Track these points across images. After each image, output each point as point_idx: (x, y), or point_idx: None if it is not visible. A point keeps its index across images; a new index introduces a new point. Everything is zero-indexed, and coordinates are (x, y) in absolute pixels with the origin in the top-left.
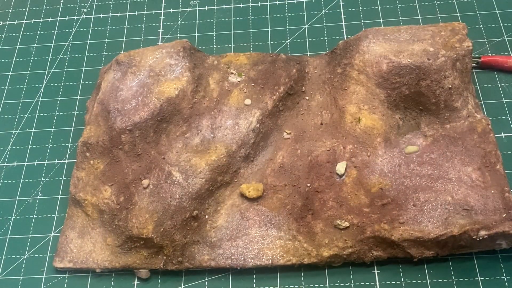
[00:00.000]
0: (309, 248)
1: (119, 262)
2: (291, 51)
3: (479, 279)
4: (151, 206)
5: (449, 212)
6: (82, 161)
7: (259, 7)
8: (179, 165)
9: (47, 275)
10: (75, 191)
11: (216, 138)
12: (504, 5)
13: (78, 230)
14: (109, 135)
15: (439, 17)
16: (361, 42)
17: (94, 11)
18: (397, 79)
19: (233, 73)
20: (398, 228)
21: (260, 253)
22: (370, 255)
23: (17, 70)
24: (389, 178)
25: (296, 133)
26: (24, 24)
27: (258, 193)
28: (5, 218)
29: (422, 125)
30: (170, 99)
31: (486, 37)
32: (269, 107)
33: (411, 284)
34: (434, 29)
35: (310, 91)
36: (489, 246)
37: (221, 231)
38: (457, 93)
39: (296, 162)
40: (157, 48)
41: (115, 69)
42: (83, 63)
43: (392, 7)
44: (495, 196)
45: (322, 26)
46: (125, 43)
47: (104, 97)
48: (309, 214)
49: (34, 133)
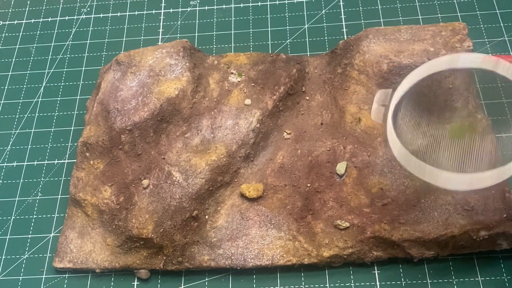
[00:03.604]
0: (309, 248)
1: (119, 262)
2: (291, 51)
3: (479, 279)
4: (151, 206)
5: (450, 212)
6: (82, 161)
7: (259, 7)
8: (179, 165)
9: (47, 275)
10: (75, 191)
11: (216, 138)
12: (505, 5)
13: (78, 230)
14: (109, 135)
15: (439, 17)
16: (362, 42)
17: (94, 11)
18: (397, 79)
19: (233, 73)
20: (399, 228)
21: (260, 253)
22: (370, 255)
23: (17, 70)
24: (389, 178)
25: (296, 133)
26: (24, 24)
27: (258, 193)
28: (5, 218)
29: (422, 125)
30: (170, 99)
31: (486, 37)
32: (269, 107)
33: (411, 284)
34: (434, 29)
35: (310, 91)
36: (490, 246)
37: (221, 231)
38: (457, 93)
39: (296, 162)
40: (157, 48)
41: (115, 69)
42: (83, 63)
43: (392, 7)
44: (496, 196)
45: (322, 26)
46: (125, 43)
47: (104, 97)
48: (309, 214)
49: (33, 133)
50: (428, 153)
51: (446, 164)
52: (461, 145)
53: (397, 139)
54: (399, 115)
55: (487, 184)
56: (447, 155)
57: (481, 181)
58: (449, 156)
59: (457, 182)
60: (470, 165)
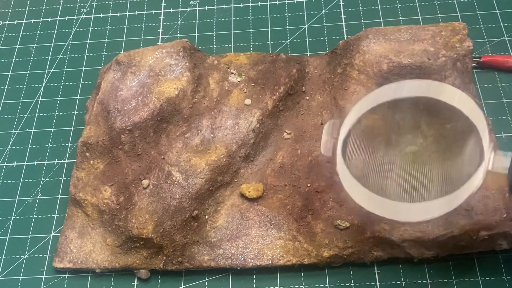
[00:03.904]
0: (309, 248)
1: (119, 262)
2: (291, 51)
3: (479, 279)
4: (151, 206)
5: (450, 212)
6: (82, 161)
7: (259, 7)
8: (179, 165)
9: (46, 275)
10: (74, 191)
11: (216, 138)
12: (505, 5)
13: (77, 230)
14: (109, 135)
15: (439, 17)
16: (361, 42)
17: (94, 11)
18: (397, 79)
19: (233, 73)
20: (399, 229)
21: (260, 253)
22: (370, 255)
23: (16, 70)
24: None
25: (296, 133)
26: (24, 24)
27: (258, 193)
28: (4, 218)
29: (422, 125)
30: (170, 99)
31: (486, 37)
32: (269, 107)
33: (411, 284)
34: (434, 29)
35: (310, 91)
36: (490, 247)
37: (221, 231)
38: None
39: (296, 162)
40: (157, 48)
41: (115, 69)
42: (83, 63)
43: (392, 7)
44: (496, 196)
45: (322, 26)
46: (125, 43)
47: (104, 97)
48: (309, 214)
49: (33, 133)
50: (379, 181)
51: (396, 192)
52: (412, 173)
53: (346, 171)
54: (348, 148)
55: (437, 214)
56: (397, 183)
57: (430, 211)
58: (399, 184)
59: (406, 212)
60: (420, 194)
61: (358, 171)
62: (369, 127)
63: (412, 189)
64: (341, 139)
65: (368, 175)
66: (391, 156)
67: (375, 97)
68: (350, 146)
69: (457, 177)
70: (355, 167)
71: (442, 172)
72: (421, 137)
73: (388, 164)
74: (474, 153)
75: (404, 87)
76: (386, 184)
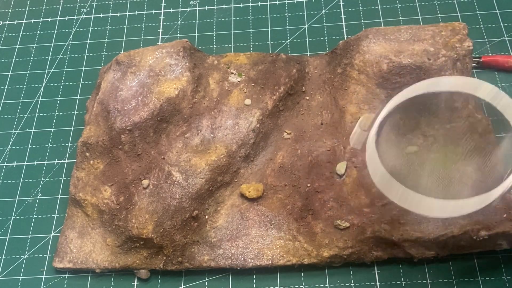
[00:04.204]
0: (309, 248)
1: (119, 262)
2: (291, 51)
3: (479, 279)
4: (151, 206)
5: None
6: (82, 161)
7: (259, 7)
8: (179, 165)
9: (46, 275)
10: (74, 191)
11: (216, 138)
12: (505, 5)
13: (77, 230)
14: (109, 135)
15: (439, 17)
16: (361, 42)
17: (94, 11)
18: (397, 79)
19: (233, 73)
20: (399, 228)
21: (260, 253)
22: (370, 255)
23: (16, 70)
24: None
25: (296, 133)
26: (24, 24)
27: (258, 193)
28: (4, 218)
29: (422, 125)
30: (170, 99)
31: (486, 37)
32: (269, 107)
33: (411, 284)
34: (434, 29)
35: (310, 91)
36: (490, 246)
37: (221, 231)
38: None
39: (296, 162)
40: (157, 48)
41: (115, 69)
42: (83, 63)
43: (392, 7)
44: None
45: (322, 26)
46: (125, 43)
47: (104, 97)
48: (309, 214)
49: (33, 133)
50: (410, 177)
51: (428, 188)
52: (445, 171)
53: (379, 164)
54: (380, 140)
55: (470, 210)
56: (429, 180)
57: (463, 208)
58: (432, 181)
59: (440, 208)
60: (453, 191)
61: (389, 166)
62: (403, 121)
63: (445, 186)
64: (373, 133)
65: (401, 170)
66: (424, 152)
67: (410, 92)
68: (383, 141)
69: (491, 175)
70: (387, 162)
71: (475, 169)
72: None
73: (421, 159)
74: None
75: (440, 83)
76: (418, 180)
